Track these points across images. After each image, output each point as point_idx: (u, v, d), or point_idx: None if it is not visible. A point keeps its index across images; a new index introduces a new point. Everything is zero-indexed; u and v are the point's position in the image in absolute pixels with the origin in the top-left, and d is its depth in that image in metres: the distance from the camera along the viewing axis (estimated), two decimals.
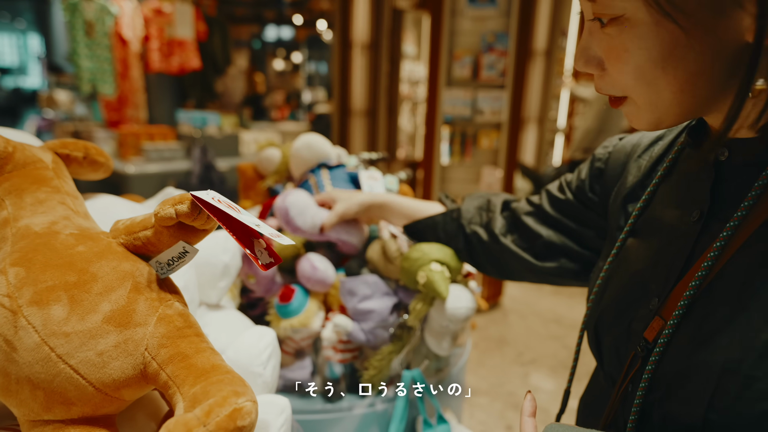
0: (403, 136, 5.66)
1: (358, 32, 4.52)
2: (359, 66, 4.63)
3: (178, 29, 3.30)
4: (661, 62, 0.42)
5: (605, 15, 0.43)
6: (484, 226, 0.84)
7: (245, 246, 0.44)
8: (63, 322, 0.40)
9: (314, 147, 1.07)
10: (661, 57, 0.42)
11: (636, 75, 0.44)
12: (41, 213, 0.50)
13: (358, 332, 0.92)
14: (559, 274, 0.75)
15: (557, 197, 0.75)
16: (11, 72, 14.78)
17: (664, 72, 0.42)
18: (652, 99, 0.45)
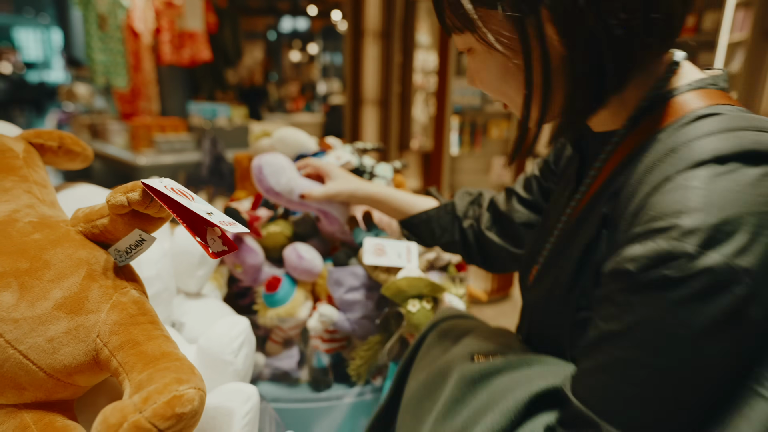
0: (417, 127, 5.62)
1: (370, 21, 4.49)
2: (371, 55, 4.61)
3: (189, 21, 3.32)
4: (502, 77, 0.53)
5: (462, 49, 0.56)
6: (475, 220, 0.87)
7: (195, 234, 0.44)
8: (12, 308, 0.41)
9: (288, 141, 1.07)
10: (500, 74, 0.53)
11: (491, 88, 0.56)
12: (5, 201, 0.50)
13: (344, 322, 0.91)
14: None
15: (529, 179, 0.82)
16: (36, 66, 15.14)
17: (508, 85, 0.53)
18: (512, 104, 0.56)
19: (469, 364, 0.56)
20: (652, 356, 0.39)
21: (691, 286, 0.37)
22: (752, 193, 0.38)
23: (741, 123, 0.43)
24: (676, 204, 0.39)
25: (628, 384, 0.41)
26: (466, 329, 0.67)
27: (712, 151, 0.41)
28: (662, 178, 0.42)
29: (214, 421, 0.54)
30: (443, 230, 0.89)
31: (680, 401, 0.39)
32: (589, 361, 0.45)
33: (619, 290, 0.42)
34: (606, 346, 0.43)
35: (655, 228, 0.40)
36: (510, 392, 0.49)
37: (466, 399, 0.52)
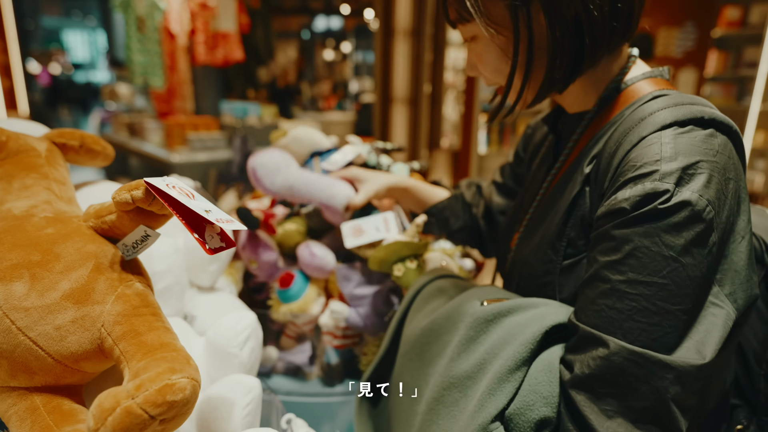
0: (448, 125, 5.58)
1: (401, 19, 4.48)
2: (401, 53, 4.60)
3: (222, 22, 3.41)
4: (501, 58, 0.63)
5: (467, 37, 0.66)
6: (477, 208, 0.98)
7: (193, 231, 0.46)
8: (23, 297, 0.44)
9: (302, 139, 1.09)
10: (500, 56, 0.63)
11: (490, 70, 0.66)
12: (25, 197, 0.54)
13: (356, 317, 0.93)
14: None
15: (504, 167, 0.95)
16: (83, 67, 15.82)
17: (506, 65, 0.62)
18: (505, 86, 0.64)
19: (480, 307, 0.61)
20: (646, 274, 0.49)
21: (673, 215, 0.48)
22: (704, 146, 0.51)
23: (684, 100, 0.56)
24: (654, 155, 0.50)
25: (627, 301, 0.49)
26: (464, 285, 0.74)
27: (673, 118, 0.53)
28: (638, 138, 0.53)
29: (215, 411, 0.56)
30: (456, 218, 0.97)
31: (667, 310, 0.48)
32: (591, 290, 0.53)
33: (615, 226, 0.51)
34: (606, 273, 0.51)
35: (641, 174, 0.50)
36: (526, 327, 0.55)
37: (480, 337, 0.58)
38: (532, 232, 0.68)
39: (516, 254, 0.71)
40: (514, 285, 0.70)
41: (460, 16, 0.62)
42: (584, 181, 0.60)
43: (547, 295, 0.62)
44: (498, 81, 0.67)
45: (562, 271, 0.61)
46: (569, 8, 0.56)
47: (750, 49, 4.08)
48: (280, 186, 0.93)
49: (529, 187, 0.78)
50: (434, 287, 0.75)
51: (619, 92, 0.63)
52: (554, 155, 0.73)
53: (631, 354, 0.48)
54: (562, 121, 0.74)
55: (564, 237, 0.61)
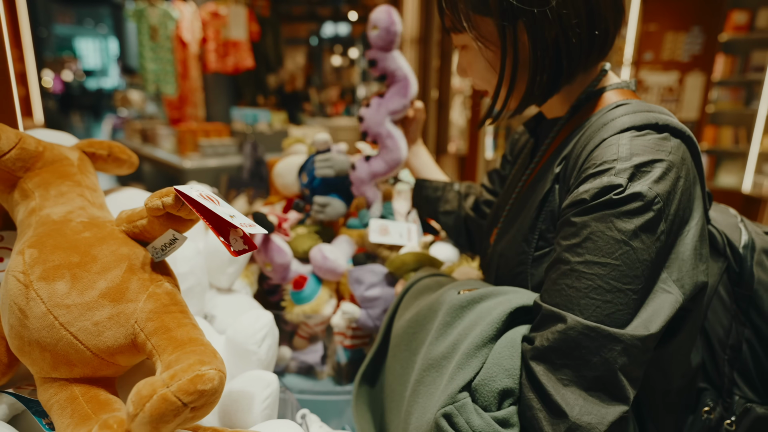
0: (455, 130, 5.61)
1: (408, 26, 4.53)
2: (409, 59, 4.65)
3: (233, 31, 3.47)
4: (487, 68, 0.70)
5: (458, 45, 0.73)
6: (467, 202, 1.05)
7: (219, 234, 0.50)
8: (65, 295, 0.48)
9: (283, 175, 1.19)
10: (486, 66, 0.70)
11: (477, 77, 0.73)
12: (61, 203, 0.58)
13: (366, 318, 0.96)
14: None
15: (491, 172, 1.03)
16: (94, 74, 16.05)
17: (491, 74, 0.70)
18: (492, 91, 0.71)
19: (457, 296, 0.67)
20: (600, 256, 0.54)
21: (625, 204, 0.54)
22: (657, 147, 0.57)
23: (643, 108, 0.62)
24: (612, 155, 0.57)
25: (584, 280, 0.54)
26: (448, 281, 0.79)
27: (631, 123, 0.59)
28: (599, 140, 0.60)
29: (236, 404, 0.60)
30: (446, 202, 1.06)
31: (619, 289, 0.53)
32: (554, 272, 0.58)
33: (575, 214, 0.57)
34: (566, 256, 0.57)
35: (600, 170, 0.56)
36: (493, 310, 0.60)
37: (455, 322, 0.63)
38: (508, 227, 0.75)
39: (494, 248, 0.77)
40: (492, 276, 0.76)
41: (454, 26, 0.70)
42: (554, 180, 0.66)
43: (520, 283, 0.69)
44: (484, 87, 0.74)
45: (533, 262, 0.68)
46: (550, 32, 0.62)
47: (757, 53, 4.08)
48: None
49: (508, 186, 0.85)
50: (421, 285, 0.80)
51: (588, 101, 0.70)
52: (531, 156, 0.80)
53: (584, 328, 0.53)
54: (540, 125, 0.81)
55: (536, 230, 0.67)
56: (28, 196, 0.59)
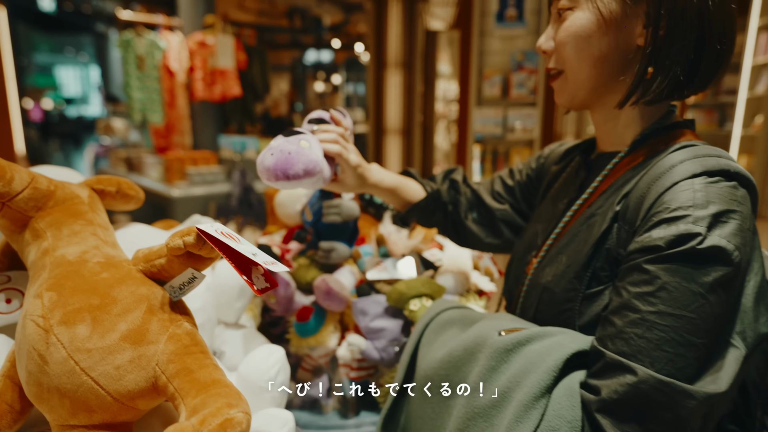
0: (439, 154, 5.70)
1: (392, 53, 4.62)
2: (394, 85, 4.73)
3: (220, 59, 3.50)
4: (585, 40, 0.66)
5: (563, 8, 0.69)
6: (453, 205, 1.00)
7: (242, 273, 0.50)
8: (86, 339, 0.47)
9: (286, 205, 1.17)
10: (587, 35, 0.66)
11: (572, 46, 0.68)
12: (75, 243, 0.57)
13: (372, 350, 0.96)
14: (505, 247, 0.99)
15: (507, 183, 0.99)
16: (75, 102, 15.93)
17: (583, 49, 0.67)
18: (575, 69, 0.69)
19: (498, 337, 0.64)
20: (676, 307, 0.53)
21: (705, 256, 0.53)
22: (732, 197, 0.56)
23: (711, 152, 0.61)
24: (686, 200, 0.55)
25: (656, 331, 0.53)
26: (474, 315, 0.76)
27: (702, 167, 0.58)
28: (670, 183, 0.58)
29: None
30: (431, 214, 1.00)
31: (692, 342, 0.52)
32: (619, 319, 0.56)
33: (648, 261, 0.55)
34: (636, 304, 0.55)
35: (675, 216, 0.55)
36: (546, 355, 0.58)
37: (501, 367, 0.60)
38: (553, 261, 0.72)
39: (534, 280, 0.74)
40: (531, 310, 0.73)
41: None
42: (613, 218, 0.64)
43: (565, 321, 0.66)
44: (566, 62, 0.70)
45: (583, 300, 0.65)
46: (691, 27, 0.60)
47: (729, 76, 4.25)
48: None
49: (546, 216, 0.82)
50: (444, 319, 0.78)
51: (650, 138, 0.68)
52: (579, 189, 0.77)
53: (657, 383, 0.51)
54: (594, 158, 0.79)
55: (590, 268, 0.65)
56: (40, 236, 0.58)
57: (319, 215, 1.11)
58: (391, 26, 4.59)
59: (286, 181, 0.77)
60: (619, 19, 0.64)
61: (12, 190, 0.56)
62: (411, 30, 4.62)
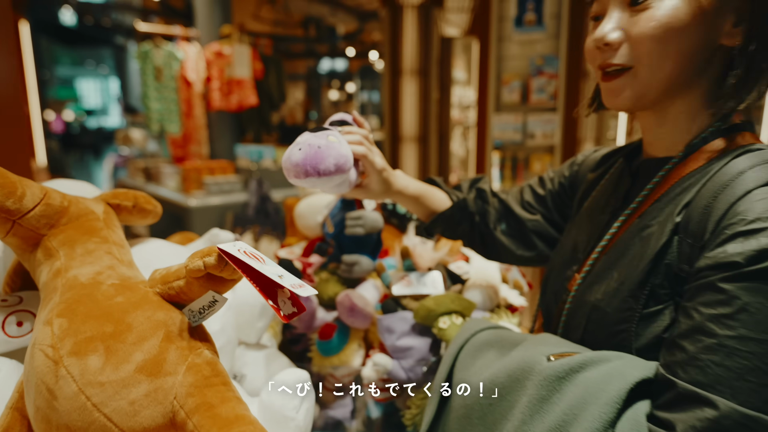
0: (456, 161, 5.65)
1: (408, 60, 4.60)
2: (409, 93, 4.70)
3: (237, 69, 3.51)
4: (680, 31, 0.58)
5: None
6: (480, 216, 0.94)
7: (267, 297, 0.45)
8: (98, 371, 0.43)
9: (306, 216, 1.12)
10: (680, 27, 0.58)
11: (659, 38, 0.59)
12: (89, 263, 0.54)
13: (399, 370, 0.90)
14: (537, 260, 0.93)
15: (538, 192, 0.93)
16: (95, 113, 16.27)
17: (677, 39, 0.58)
18: (653, 66, 0.60)
19: (548, 363, 0.58)
20: (760, 331, 0.47)
21: None
22: None
23: None
24: (766, 211, 0.50)
25: (738, 358, 0.47)
26: (514, 337, 0.70)
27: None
28: (743, 191, 0.52)
29: None
30: (457, 225, 0.94)
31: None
32: (692, 344, 0.51)
33: (724, 279, 0.50)
34: (712, 327, 0.49)
35: (754, 228, 0.49)
36: (606, 385, 0.52)
37: (554, 397, 0.54)
38: (602, 277, 0.65)
39: (580, 298, 0.68)
40: (579, 331, 0.67)
41: None
42: (673, 230, 0.58)
43: (620, 342, 0.60)
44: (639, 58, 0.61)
45: (640, 320, 0.59)
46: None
47: None
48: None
49: (587, 227, 0.76)
50: (480, 341, 0.72)
51: (707, 142, 0.62)
52: (624, 198, 0.71)
53: (743, 417, 0.45)
54: (639, 165, 0.72)
55: (647, 285, 0.59)
56: (53, 255, 0.55)
57: (341, 227, 1.07)
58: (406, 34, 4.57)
59: (316, 178, 0.71)
60: (712, 12, 0.57)
61: (23, 206, 0.53)
62: (426, 37, 4.59)
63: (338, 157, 0.71)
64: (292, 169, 0.71)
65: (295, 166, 0.71)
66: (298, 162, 0.70)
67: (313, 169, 0.70)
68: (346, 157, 0.73)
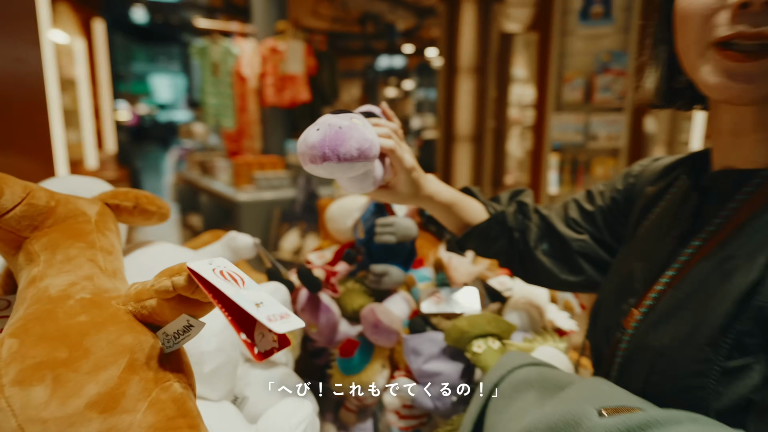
0: (512, 162, 5.43)
1: (465, 57, 4.47)
2: (465, 90, 4.56)
3: (290, 65, 3.51)
4: None
5: None
6: (520, 232, 0.84)
7: (240, 329, 0.38)
8: (42, 406, 0.37)
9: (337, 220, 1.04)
10: None
11: None
12: (66, 272, 0.48)
13: (424, 397, 0.81)
14: (585, 285, 0.80)
15: (585, 208, 0.80)
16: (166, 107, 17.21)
17: None
18: None
19: (599, 420, 0.47)
20: None
21: None
22: None
23: None
24: None
25: None
26: (560, 378, 0.59)
27: None
28: None
29: None
30: (494, 241, 0.83)
31: None
32: None
33: None
34: None
35: None
36: None
37: None
38: (670, 317, 0.54)
39: (640, 340, 0.57)
40: (639, 380, 0.55)
41: None
42: (766, 265, 0.47)
43: (693, 400, 0.49)
44: None
45: (722, 376, 0.48)
46: None
47: None
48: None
49: (647, 252, 0.64)
50: (518, 379, 0.61)
51: None
52: (694, 219, 0.59)
53: None
54: (714, 177, 0.60)
55: (730, 332, 0.48)
56: (33, 260, 0.50)
57: (372, 233, 0.98)
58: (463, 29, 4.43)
59: (335, 163, 0.59)
60: None
61: (0, 207, 0.48)
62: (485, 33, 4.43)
63: (362, 141, 0.60)
64: (308, 153, 0.60)
65: (311, 149, 0.60)
66: (315, 143, 0.59)
67: (332, 152, 0.59)
68: (371, 141, 0.62)
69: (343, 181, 0.71)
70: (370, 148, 0.62)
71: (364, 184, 0.70)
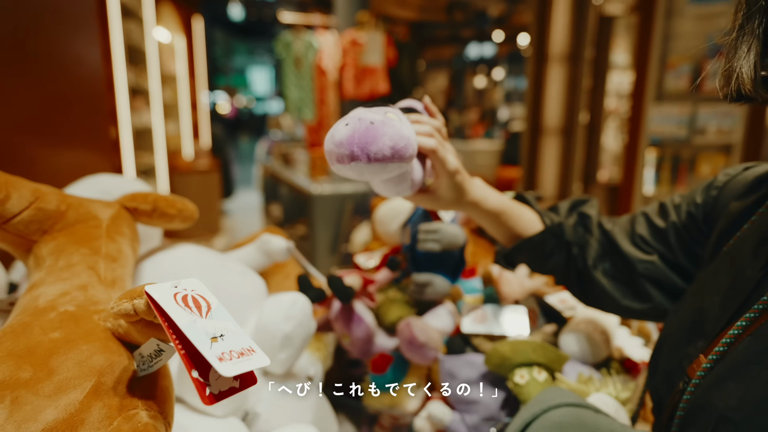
0: (607, 156, 5.01)
1: (556, 43, 4.19)
2: (555, 80, 4.29)
3: (369, 56, 3.49)
4: None
5: None
6: (579, 248, 0.73)
7: (192, 365, 0.33)
8: None
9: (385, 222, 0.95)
10: None
11: None
12: (62, 280, 0.47)
13: (460, 426, 0.73)
14: (652, 314, 0.68)
15: (656, 224, 0.68)
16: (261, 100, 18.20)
17: None
18: None
19: None
20: None
21: None
22: None
23: None
24: None
25: None
26: (599, 424, 0.51)
27: None
28: None
29: None
30: (548, 256, 0.73)
31: None
32: None
33: None
34: None
35: None
36: None
37: None
38: (741, 372, 0.43)
39: (703, 395, 0.47)
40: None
41: None
42: None
43: None
44: None
45: None
46: None
47: None
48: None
49: (724, 282, 0.52)
50: (552, 421, 0.52)
51: None
52: None
53: None
54: None
55: None
56: (39, 264, 0.50)
57: (417, 239, 0.91)
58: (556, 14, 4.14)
59: (365, 163, 0.52)
60: None
61: (6, 211, 0.48)
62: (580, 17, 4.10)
63: (396, 138, 0.53)
64: (334, 151, 0.53)
65: (338, 146, 0.52)
66: (342, 140, 0.52)
67: (361, 150, 0.51)
68: (407, 140, 0.54)
69: (375, 184, 0.65)
70: (406, 147, 0.54)
71: (400, 187, 0.63)
